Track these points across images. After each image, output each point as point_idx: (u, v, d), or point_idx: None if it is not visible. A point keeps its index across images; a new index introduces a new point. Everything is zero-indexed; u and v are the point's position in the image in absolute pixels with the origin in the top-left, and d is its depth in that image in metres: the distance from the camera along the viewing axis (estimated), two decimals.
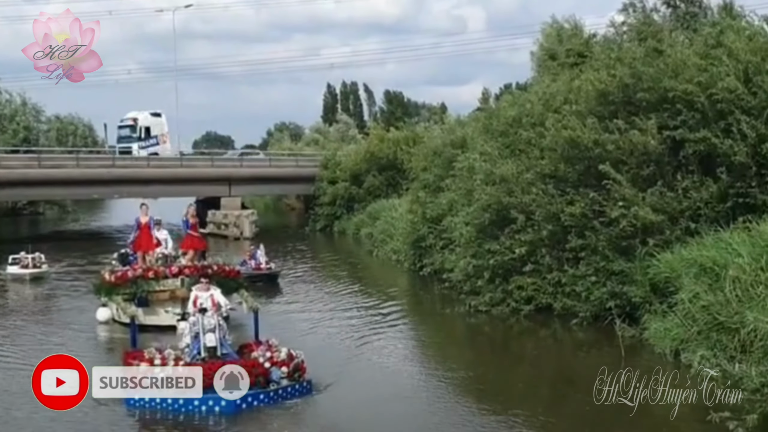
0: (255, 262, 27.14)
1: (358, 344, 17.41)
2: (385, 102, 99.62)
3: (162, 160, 50.01)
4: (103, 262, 24.87)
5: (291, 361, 13.34)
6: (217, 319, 13.83)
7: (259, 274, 26.21)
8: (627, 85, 19.43)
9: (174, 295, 18.52)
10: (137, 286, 18.51)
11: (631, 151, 18.29)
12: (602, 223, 18.03)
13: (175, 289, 18.55)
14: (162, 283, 18.68)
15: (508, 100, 27.08)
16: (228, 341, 14.00)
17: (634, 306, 17.04)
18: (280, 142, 77.42)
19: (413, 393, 13.98)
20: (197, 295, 14.80)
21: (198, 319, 13.83)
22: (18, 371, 15.00)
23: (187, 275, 18.49)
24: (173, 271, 18.77)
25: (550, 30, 39.57)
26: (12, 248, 34.78)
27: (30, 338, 18.57)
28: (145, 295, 18.63)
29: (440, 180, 26.61)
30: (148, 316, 18.38)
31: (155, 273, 18.73)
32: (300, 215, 55.03)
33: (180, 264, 19.43)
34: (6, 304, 24.26)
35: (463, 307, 20.45)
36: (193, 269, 18.62)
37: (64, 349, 16.03)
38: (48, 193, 48.81)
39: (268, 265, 27.38)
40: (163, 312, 18.49)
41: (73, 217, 62.74)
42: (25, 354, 16.56)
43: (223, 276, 18.35)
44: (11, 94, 62.51)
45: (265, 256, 27.60)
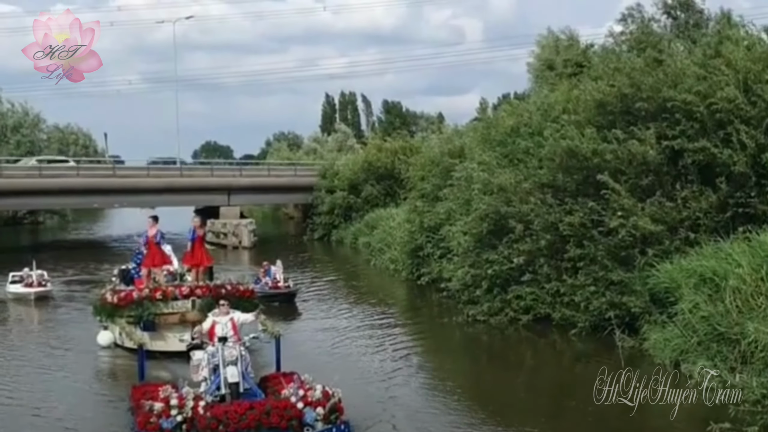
0: (271, 280, 24.76)
1: (384, 371, 15.97)
2: (384, 112, 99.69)
3: (162, 169, 49.98)
4: (105, 277, 23.65)
5: (327, 400, 11.36)
6: (239, 349, 12.20)
7: (277, 293, 23.95)
8: (626, 94, 19.41)
9: (184, 319, 16.77)
10: (143, 308, 16.83)
11: (629, 161, 18.25)
12: (601, 232, 17.98)
13: (186, 311, 16.90)
14: (171, 305, 17.00)
15: (506, 110, 27.08)
16: (250, 374, 12.40)
17: (633, 316, 16.96)
18: (278, 151, 77.43)
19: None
20: (215, 321, 12.99)
21: (218, 349, 12.14)
22: (9, 407, 13.79)
23: (198, 296, 16.99)
24: (183, 291, 17.12)
25: (546, 41, 39.72)
26: (12, 259, 34.69)
27: (27, 367, 16.73)
28: (152, 319, 16.87)
29: (438, 189, 26.58)
30: (154, 341, 16.39)
31: (164, 294, 17.01)
32: (298, 224, 54.98)
33: (190, 283, 17.79)
34: (7, 328, 22.09)
35: (462, 317, 20.38)
36: (206, 289, 17.12)
37: (66, 379, 15.53)
38: (48, 203, 48.90)
39: (286, 282, 24.94)
40: (171, 337, 16.46)
41: (73, 226, 62.72)
42: (21, 386, 15.12)
43: (237, 297, 16.70)
44: (13, 104, 62.71)
45: (282, 272, 25.27)
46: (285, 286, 24.52)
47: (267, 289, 23.54)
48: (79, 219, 67.62)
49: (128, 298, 16.99)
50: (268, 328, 14.26)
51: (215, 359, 12.09)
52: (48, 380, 15.47)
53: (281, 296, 23.84)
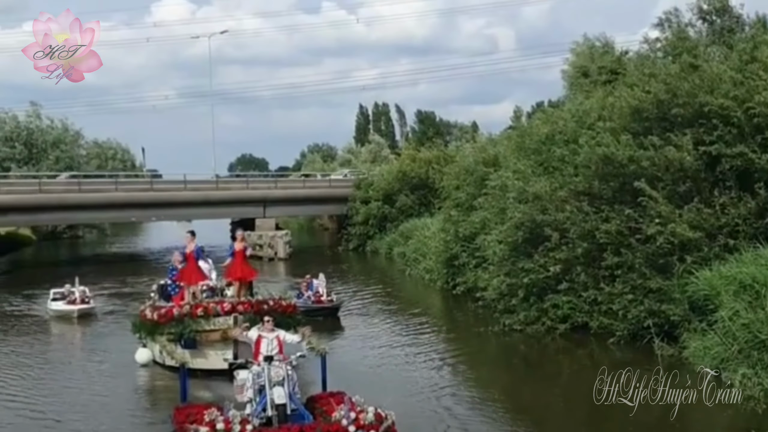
0: (313, 294, 24.02)
1: (429, 386, 15.57)
2: (417, 122, 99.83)
3: (198, 182, 50.47)
4: (145, 291, 22.98)
5: (380, 423, 10.84)
6: (286, 369, 11.60)
7: (320, 308, 23.20)
8: (662, 101, 19.28)
9: (225, 336, 16.13)
10: (184, 325, 16.27)
11: (666, 168, 18.11)
12: (638, 240, 17.84)
13: (227, 328, 16.18)
14: (212, 321, 16.36)
15: (540, 118, 27.01)
16: (298, 394, 11.80)
17: (672, 324, 16.80)
18: (313, 163, 77.88)
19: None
20: (261, 336, 12.46)
21: (264, 369, 11.55)
22: (49, 429, 13.56)
23: (240, 312, 16.35)
24: (225, 307, 16.45)
25: (581, 48, 39.56)
26: (52, 273, 35.21)
27: (67, 386, 16.31)
28: (193, 336, 16.34)
29: (473, 198, 26.54)
30: (195, 358, 15.99)
31: (205, 310, 16.39)
32: (333, 235, 55.20)
33: (232, 299, 17.15)
34: (49, 346, 21.33)
35: (498, 326, 20.31)
36: (248, 305, 16.53)
37: (105, 398, 15.07)
38: (87, 217, 49.48)
39: (329, 296, 24.16)
40: (213, 355, 16.16)
41: (111, 240, 63.48)
42: (59, 406, 14.75)
43: (280, 312, 16.23)
44: (53, 120, 63.79)
45: (325, 286, 24.54)
46: (328, 300, 23.87)
47: (310, 304, 22.93)
48: (117, 233, 68.48)
49: (168, 314, 16.44)
50: (314, 346, 13.55)
51: (261, 379, 11.53)
52: (87, 400, 15.13)
53: (324, 311, 23.17)
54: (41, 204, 42.16)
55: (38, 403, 14.85)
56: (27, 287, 31.57)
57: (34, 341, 21.46)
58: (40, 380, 16.77)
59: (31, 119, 62.37)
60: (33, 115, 62.61)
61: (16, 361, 18.59)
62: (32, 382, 16.48)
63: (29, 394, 15.55)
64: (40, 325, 24.06)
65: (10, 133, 60.64)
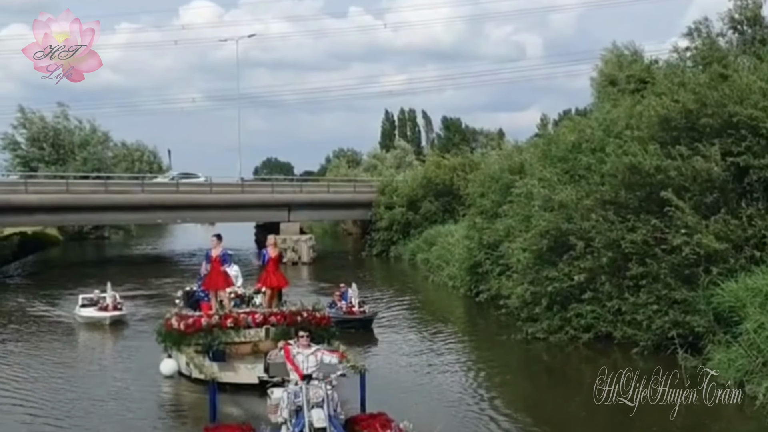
0: (346, 304, 23.21)
1: (466, 401, 15.15)
2: (443, 128, 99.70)
3: (223, 186, 50.78)
4: (171, 294, 22.57)
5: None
6: (325, 389, 10.81)
7: (352, 319, 22.29)
8: (690, 110, 19.14)
9: (257, 349, 15.44)
10: (212, 336, 15.45)
11: (694, 178, 17.98)
12: (664, 250, 17.72)
13: (259, 341, 15.60)
14: (243, 333, 15.66)
15: (567, 126, 26.93)
16: (340, 415, 11.02)
17: (696, 335, 16.67)
18: (338, 168, 78.02)
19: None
20: (299, 353, 11.63)
21: (301, 389, 10.77)
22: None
23: (272, 324, 15.70)
24: (257, 319, 15.72)
25: (610, 56, 39.35)
26: (79, 273, 35.55)
27: (87, 399, 15.57)
28: (222, 348, 15.55)
29: (497, 206, 26.48)
30: (224, 372, 14.92)
31: (235, 321, 15.58)
32: (357, 240, 55.27)
33: (264, 310, 16.36)
34: (75, 355, 20.58)
35: (521, 334, 20.25)
36: (280, 317, 15.81)
37: (130, 413, 14.38)
38: (114, 218, 49.88)
39: (362, 307, 23.25)
40: (243, 368, 15.38)
41: (137, 241, 63.98)
42: (80, 420, 14.18)
43: (314, 324, 15.50)
44: (81, 121, 64.40)
45: (358, 296, 23.66)
46: (360, 312, 22.93)
47: (342, 314, 21.93)
48: (143, 234, 69.03)
49: (196, 324, 15.52)
50: (352, 363, 12.79)
51: (298, 399, 10.74)
52: (110, 413, 14.50)
53: (356, 322, 22.21)
54: (68, 204, 42.56)
55: (57, 416, 14.30)
56: (53, 289, 31.92)
57: (60, 348, 21.10)
58: (59, 391, 16.18)
59: (58, 120, 62.97)
60: (61, 115, 63.23)
61: (39, 369, 18.23)
62: (52, 394, 15.93)
63: (46, 405, 15.01)
64: (68, 331, 23.51)
65: (37, 133, 61.29)
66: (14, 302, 29.15)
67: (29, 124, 61.71)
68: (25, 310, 27.27)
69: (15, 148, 61.94)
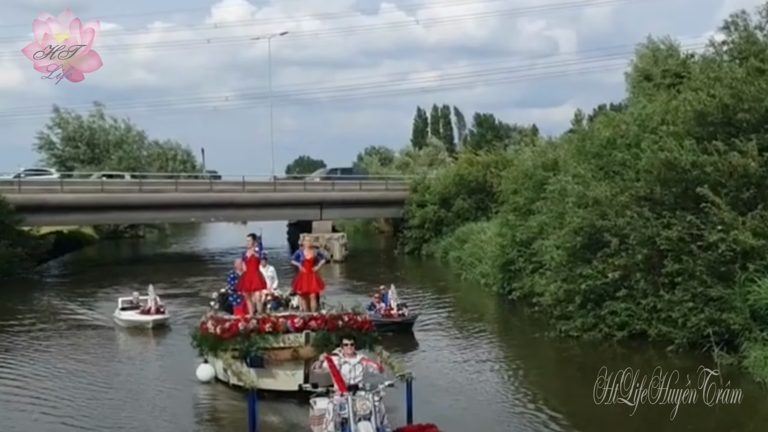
0: (385, 307, 22.32)
1: (513, 409, 14.63)
2: (476, 125, 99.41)
3: (256, 184, 51.05)
4: (208, 294, 21.37)
5: None
6: (373, 400, 10.33)
7: (391, 323, 21.27)
8: (727, 105, 18.89)
9: (297, 355, 14.82)
10: (250, 342, 14.76)
11: (730, 174, 17.74)
12: (700, 247, 17.48)
13: (299, 346, 14.85)
14: (282, 338, 14.89)
15: (602, 122, 26.66)
16: (386, 428, 10.54)
17: (733, 333, 16.47)
18: (370, 166, 78.09)
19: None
20: (345, 362, 10.99)
21: (347, 400, 10.29)
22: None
23: (312, 329, 14.93)
24: (296, 323, 14.96)
25: (645, 51, 38.98)
26: (115, 272, 35.86)
27: (126, 408, 14.91)
28: (260, 354, 14.89)
29: (531, 203, 26.32)
30: (262, 378, 14.55)
31: (274, 326, 14.89)
32: (389, 238, 55.26)
33: (303, 314, 15.52)
34: (114, 360, 19.83)
35: (554, 332, 20.11)
36: (321, 321, 15.02)
37: (167, 422, 13.88)
38: (148, 217, 50.39)
39: (401, 310, 22.30)
40: (282, 375, 14.84)
41: (171, 240, 64.53)
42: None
43: (356, 329, 14.80)
44: (116, 120, 65.06)
45: (397, 298, 22.78)
46: (399, 314, 21.99)
47: (380, 317, 20.76)
48: (177, 233, 69.61)
49: (233, 329, 14.88)
50: (398, 371, 12.24)
51: (344, 411, 10.26)
52: (147, 422, 14.04)
53: (395, 325, 21.21)
54: (103, 203, 43.08)
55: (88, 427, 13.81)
56: (89, 287, 32.25)
57: (97, 351, 20.61)
58: (96, 399, 15.60)
59: (94, 119, 63.66)
60: (96, 114, 63.93)
61: (73, 375, 17.67)
62: (85, 401, 15.40)
63: (78, 413, 14.54)
64: (108, 336, 22.81)
65: (73, 133, 62.02)
66: (52, 303, 29.21)
67: (64, 124, 62.45)
68: (62, 312, 26.98)
69: (51, 147, 62.75)
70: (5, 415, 14.60)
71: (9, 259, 34.74)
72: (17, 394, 16.03)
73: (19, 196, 39.11)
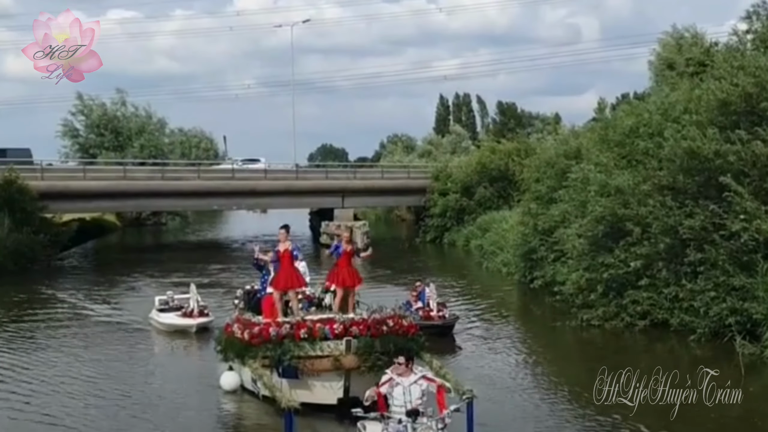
0: (423, 306, 20.04)
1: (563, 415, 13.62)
2: (498, 113, 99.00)
3: (278, 172, 51.21)
4: (233, 284, 20.85)
5: None
6: (436, 428, 9.04)
7: (430, 325, 18.40)
8: (750, 94, 18.79)
9: (337, 365, 13.10)
10: (283, 349, 13.06)
11: (753, 163, 17.67)
12: (722, 236, 17.44)
13: (339, 355, 13.12)
14: (319, 346, 13.14)
15: (625, 110, 26.59)
16: None
17: (755, 323, 16.43)
18: (392, 154, 78.05)
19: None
20: (398, 384, 9.51)
21: (406, 428, 8.95)
22: None
23: (354, 336, 13.21)
24: (336, 329, 13.19)
25: (668, 39, 38.73)
26: (137, 258, 35.76)
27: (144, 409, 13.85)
28: (294, 363, 13.11)
29: (553, 191, 26.29)
30: (296, 390, 12.95)
31: (310, 332, 13.15)
32: (410, 227, 55.30)
33: (343, 318, 13.63)
34: (148, 365, 17.72)
35: (575, 321, 20.10)
36: (363, 326, 13.31)
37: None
38: (171, 204, 50.67)
39: (441, 311, 19.92)
40: (319, 386, 13.16)
41: (194, 227, 64.84)
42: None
43: (401, 335, 13.36)
44: (137, 107, 65.37)
45: (436, 297, 20.34)
46: (440, 316, 19.71)
47: (418, 319, 17.60)
48: (199, 221, 69.96)
49: (263, 335, 13.20)
50: (458, 388, 10.81)
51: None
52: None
53: (435, 329, 18.58)
54: (125, 191, 43.32)
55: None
56: (114, 276, 32.18)
57: (131, 354, 18.76)
58: (124, 408, 14.11)
59: (116, 106, 64.02)
60: (119, 102, 64.25)
61: (104, 380, 16.00)
62: (105, 411, 13.93)
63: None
64: (143, 337, 20.73)
65: (98, 120, 62.41)
66: (77, 294, 28.07)
67: (88, 111, 62.82)
68: (88, 307, 25.28)
69: (75, 134, 63.20)
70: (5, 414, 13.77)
71: (32, 246, 34.97)
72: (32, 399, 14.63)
73: (42, 183, 39.27)
